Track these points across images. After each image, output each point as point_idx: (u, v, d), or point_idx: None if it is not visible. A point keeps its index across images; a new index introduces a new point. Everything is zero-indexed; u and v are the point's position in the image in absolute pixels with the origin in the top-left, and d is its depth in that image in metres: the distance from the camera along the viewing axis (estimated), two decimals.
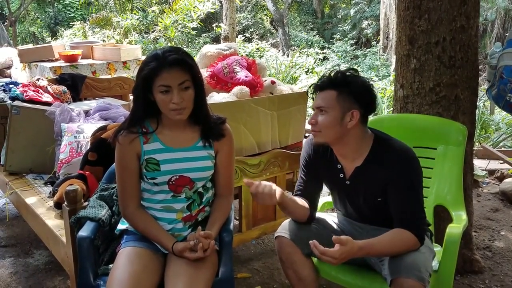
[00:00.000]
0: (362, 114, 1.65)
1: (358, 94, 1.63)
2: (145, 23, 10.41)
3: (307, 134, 2.89)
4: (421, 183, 1.68)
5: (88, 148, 2.45)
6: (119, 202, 1.69)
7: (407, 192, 1.63)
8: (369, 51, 13.25)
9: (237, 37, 10.98)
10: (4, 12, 15.09)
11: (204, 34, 14.47)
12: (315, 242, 1.51)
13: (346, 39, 14.20)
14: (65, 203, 1.87)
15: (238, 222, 2.46)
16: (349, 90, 1.63)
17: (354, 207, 1.79)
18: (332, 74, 1.68)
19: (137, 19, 10.20)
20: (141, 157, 1.63)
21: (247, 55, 11.05)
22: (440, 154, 2.07)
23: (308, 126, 3.67)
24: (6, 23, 13.19)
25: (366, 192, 1.72)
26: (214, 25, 10.16)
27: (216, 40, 13.56)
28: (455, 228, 1.78)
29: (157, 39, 9.68)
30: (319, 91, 1.69)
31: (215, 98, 2.61)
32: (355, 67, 10.50)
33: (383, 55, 12.21)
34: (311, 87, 1.73)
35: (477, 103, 3.88)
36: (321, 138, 1.69)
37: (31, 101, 2.95)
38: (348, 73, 1.67)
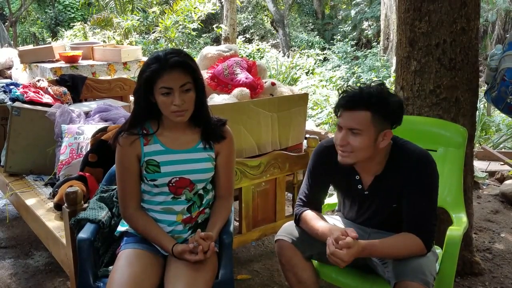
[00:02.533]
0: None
1: (393, 114, 1.57)
2: (145, 24, 10.41)
3: (307, 136, 2.88)
4: (437, 188, 1.64)
5: (88, 149, 2.45)
6: (119, 203, 1.69)
7: (421, 197, 1.61)
8: (370, 52, 13.24)
9: (237, 38, 10.98)
10: (4, 12, 15.11)
11: (205, 35, 14.47)
12: (332, 240, 1.50)
13: (347, 40, 14.18)
14: (65, 204, 1.88)
15: (238, 223, 2.46)
16: (386, 110, 1.55)
17: (365, 214, 1.77)
18: (364, 92, 1.55)
19: (138, 20, 10.20)
20: (141, 159, 1.63)
21: (247, 56, 11.06)
22: (440, 156, 2.06)
23: (308, 127, 3.68)
24: (6, 23, 13.19)
25: (383, 199, 1.69)
26: (214, 26, 10.17)
27: (216, 40, 13.57)
28: (455, 231, 1.78)
29: (158, 39, 9.68)
30: (349, 109, 1.57)
31: (215, 99, 2.62)
32: (355, 69, 10.51)
33: (383, 56, 12.20)
34: (339, 105, 1.58)
35: (477, 105, 3.88)
36: (351, 159, 1.61)
37: (32, 102, 2.95)
38: (382, 92, 1.56)
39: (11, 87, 3.22)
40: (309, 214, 1.74)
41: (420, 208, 1.61)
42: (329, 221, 1.85)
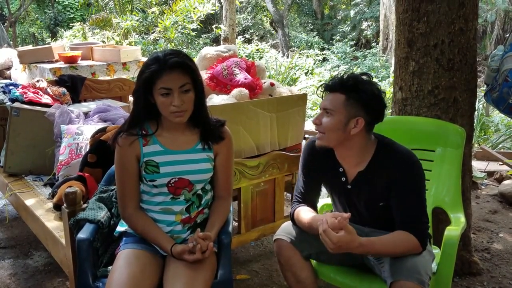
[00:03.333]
0: (368, 122, 1.63)
1: (366, 103, 1.60)
2: (145, 24, 10.42)
3: (306, 136, 2.89)
4: (424, 187, 1.67)
5: (87, 149, 2.46)
6: (118, 204, 1.70)
7: (409, 197, 1.62)
8: (369, 52, 13.25)
9: (236, 38, 10.99)
10: (4, 12, 15.09)
11: (204, 35, 14.48)
12: (324, 220, 1.51)
13: (346, 40, 14.19)
14: (64, 205, 1.88)
15: (237, 223, 2.47)
16: (358, 97, 1.60)
17: (354, 211, 1.78)
18: (345, 77, 1.65)
19: (137, 20, 10.21)
20: (141, 159, 1.64)
21: (246, 56, 11.06)
22: (439, 156, 2.07)
23: (307, 128, 3.69)
24: (6, 24, 13.19)
25: (368, 197, 1.71)
26: (214, 26, 10.18)
27: (216, 41, 13.57)
28: (453, 231, 1.79)
29: (157, 40, 9.69)
30: (328, 92, 1.67)
31: (214, 100, 2.62)
32: (355, 69, 10.51)
33: (382, 56, 12.21)
34: (321, 86, 1.70)
35: (476, 105, 3.88)
36: (324, 141, 1.68)
37: (31, 102, 2.95)
38: (360, 79, 1.63)
39: (10, 87, 3.22)
40: (300, 210, 1.77)
41: (410, 208, 1.63)
42: None
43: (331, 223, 1.51)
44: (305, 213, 1.74)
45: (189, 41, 10.98)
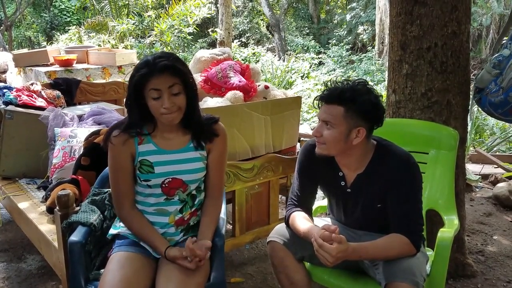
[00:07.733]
0: (368, 129, 1.62)
1: (366, 113, 1.59)
2: (141, 28, 10.40)
3: (301, 138, 2.89)
4: (421, 189, 1.67)
5: (81, 152, 2.45)
6: (114, 203, 1.69)
7: (406, 198, 1.62)
8: (365, 56, 13.25)
9: (233, 42, 10.99)
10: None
11: (201, 39, 14.48)
12: (316, 235, 1.51)
13: (342, 44, 14.19)
14: (57, 207, 1.87)
15: (231, 226, 2.46)
16: (357, 108, 1.58)
17: (350, 214, 1.78)
18: (341, 88, 1.62)
19: (133, 24, 10.20)
20: (136, 158, 1.63)
21: (243, 60, 11.07)
22: (432, 159, 2.08)
23: (302, 131, 3.70)
24: (1, 27, 13.16)
25: (366, 199, 1.71)
26: (210, 30, 10.18)
27: (212, 45, 13.57)
28: (446, 232, 1.79)
29: (153, 43, 9.68)
30: (325, 103, 1.65)
31: (208, 103, 2.62)
32: (350, 73, 10.54)
33: (378, 60, 12.23)
34: (317, 98, 1.67)
35: (472, 108, 3.89)
36: (324, 151, 1.66)
37: (25, 105, 2.95)
38: (357, 89, 1.60)
39: (4, 90, 3.21)
40: (296, 215, 1.76)
41: (406, 209, 1.62)
42: (319, 223, 1.86)
43: (322, 235, 1.50)
44: (300, 221, 1.71)
45: (186, 44, 10.99)
